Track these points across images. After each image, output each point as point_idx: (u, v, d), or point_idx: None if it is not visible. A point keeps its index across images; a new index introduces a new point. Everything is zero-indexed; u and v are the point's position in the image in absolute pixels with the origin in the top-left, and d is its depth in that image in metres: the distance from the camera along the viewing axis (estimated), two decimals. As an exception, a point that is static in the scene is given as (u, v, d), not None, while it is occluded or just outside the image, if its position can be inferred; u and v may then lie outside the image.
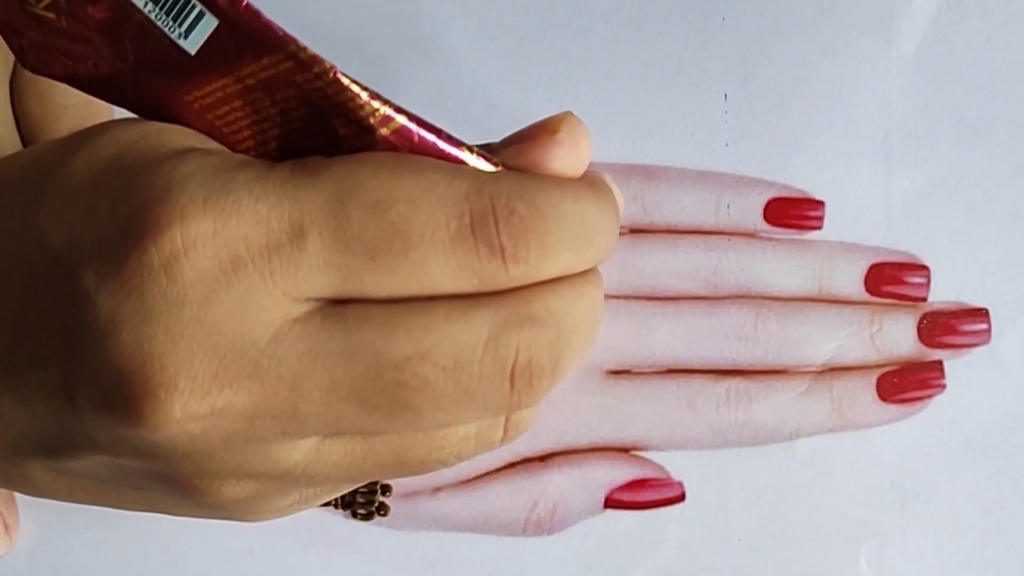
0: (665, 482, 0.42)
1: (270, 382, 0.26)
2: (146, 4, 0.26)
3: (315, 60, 0.26)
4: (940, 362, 0.42)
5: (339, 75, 0.26)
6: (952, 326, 0.42)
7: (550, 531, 0.42)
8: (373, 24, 0.42)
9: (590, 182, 0.28)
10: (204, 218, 0.25)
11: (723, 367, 0.42)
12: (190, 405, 0.25)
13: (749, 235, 0.42)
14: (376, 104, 0.26)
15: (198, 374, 0.25)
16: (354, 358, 0.26)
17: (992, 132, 0.42)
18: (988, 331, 0.42)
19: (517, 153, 0.28)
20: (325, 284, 0.26)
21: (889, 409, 0.42)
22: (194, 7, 0.26)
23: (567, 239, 0.27)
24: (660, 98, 0.41)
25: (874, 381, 0.42)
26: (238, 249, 0.25)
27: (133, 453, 0.27)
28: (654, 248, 0.42)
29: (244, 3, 0.26)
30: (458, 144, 0.27)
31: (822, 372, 0.42)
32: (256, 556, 0.42)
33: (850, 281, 0.42)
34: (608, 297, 0.40)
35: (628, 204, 0.41)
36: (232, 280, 0.25)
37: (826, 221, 0.42)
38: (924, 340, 0.42)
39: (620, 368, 0.42)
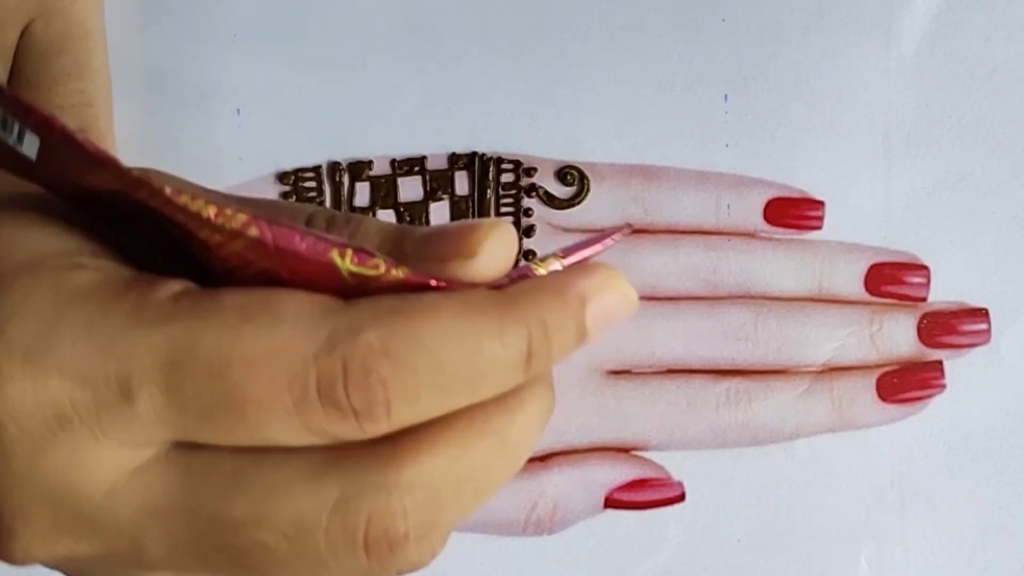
0: (665, 482, 0.42)
1: (109, 536, 0.25)
2: None
3: (142, 182, 0.23)
4: (940, 362, 0.42)
5: (175, 196, 0.23)
6: (952, 326, 0.42)
7: (550, 531, 0.41)
8: (373, 24, 0.41)
9: (496, 301, 0.24)
10: (22, 377, 0.23)
11: (723, 367, 0.42)
12: (32, 551, 0.25)
13: (749, 235, 0.42)
14: (220, 221, 0.23)
15: (34, 523, 0.24)
16: (191, 517, 0.24)
17: (992, 132, 0.41)
18: (988, 331, 0.42)
19: (424, 253, 0.25)
20: (163, 436, 0.24)
21: (889, 409, 0.42)
22: (15, 123, 0.24)
23: (445, 386, 0.24)
24: (660, 98, 0.41)
25: (874, 381, 0.42)
26: (63, 407, 0.23)
27: None
28: (654, 248, 0.42)
29: (59, 125, 0.23)
30: (326, 248, 0.24)
31: (822, 372, 0.42)
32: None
33: (850, 281, 0.42)
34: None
35: (628, 204, 0.41)
36: (59, 436, 0.24)
37: (826, 221, 0.42)
38: (924, 340, 0.42)
39: (620, 368, 0.42)
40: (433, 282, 0.24)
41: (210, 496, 0.24)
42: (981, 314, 0.42)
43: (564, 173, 0.41)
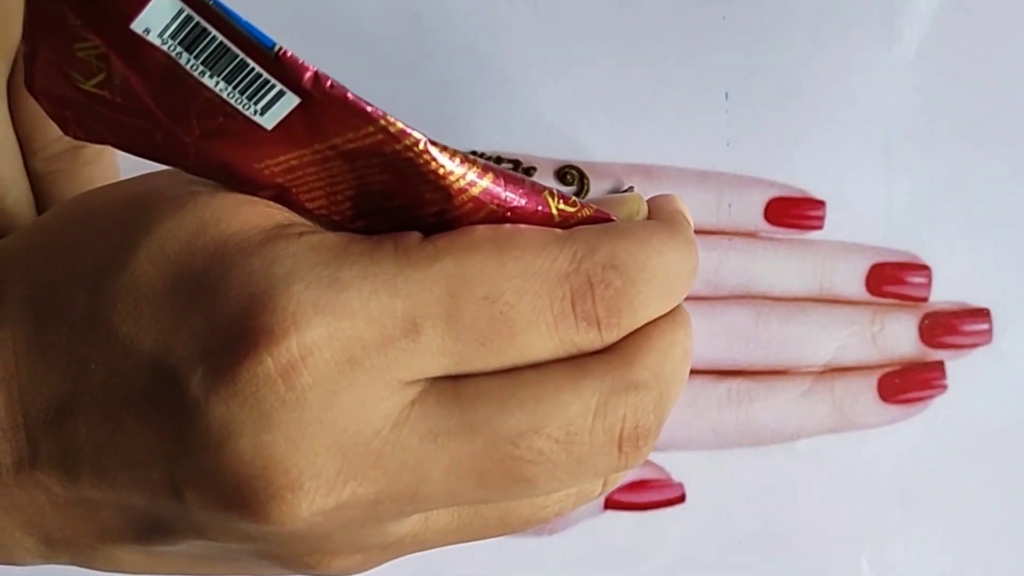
0: (665, 483, 0.41)
1: (393, 469, 0.26)
2: (217, 84, 0.25)
3: (405, 133, 0.25)
4: (941, 362, 0.42)
5: (429, 147, 0.26)
6: (953, 326, 0.42)
7: (550, 531, 0.41)
8: (374, 24, 0.42)
9: (670, 225, 0.29)
10: (317, 324, 0.25)
11: (724, 367, 0.42)
12: (316, 502, 0.26)
13: (750, 235, 0.42)
14: (463, 169, 0.26)
15: (322, 472, 0.26)
16: (472, 434, 0.26)
17: (993, 132, 0.41)
18: (989, 331, 0.41)
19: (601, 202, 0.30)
20: (437, 368, 0.26)
21: (890, 409, 0.42)
22: (273, 86, 0.25)
23: (654, 295, 0.28)
24: (660, 98, 0.41)
25: (875, 381, 0.42)
26: (353, 349, 0.25)
27: (246, 539, 0.27)
28: (654, 248, 0.42)
29: (329, 83, 0.25)
30: (539, 191, 0.28)
31: (823, 372, 0.42)
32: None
33: (851, 281, 0.42)
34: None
35: (628, 204, 0.42)
36: (350, 378, 0.25)
37: (827, 221, 0.42)
38: (925, 340, 0.42)
39: (620, 368, 0.42)
40: (613, 217, 0.29)
41: (487, 414, 0.26)
42: (982, 314, 0.42)
43: (564, 173, 0.41)
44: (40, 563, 0.30)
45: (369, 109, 0.25)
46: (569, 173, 0.41)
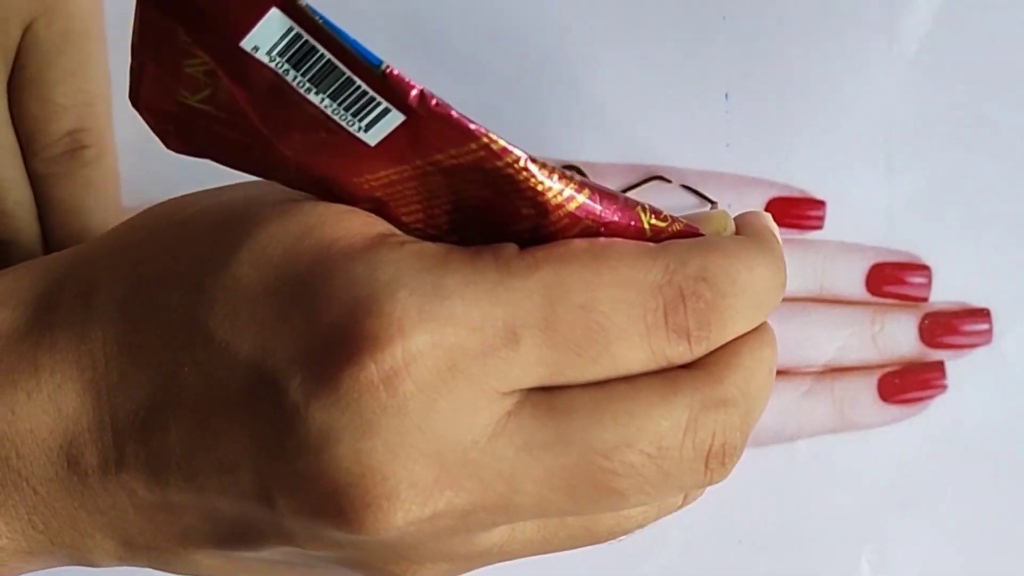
0: (665, 482, 0.41)
1: (489, 479, 0.26)
2: (323, 100, 0.25)
3: (506, 151, 0.26)
4: (941, 362, 0.42)
5: (529, 164, 0.26)
6: (954, 326, 0.42)
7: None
8: (374, 24, 0.42)
9: (759, 241, 0.30)
10: (422, 331, 0.25)
11: (724, 367, 0.42)
12: (412, 511, 0.26)
13: (750, 235, 0.42)
14: (560, 185, 0.27)
15: (419, 481, 0.26)
16: (566, 448, 0.26)
17: (993, 132, 0.41)
18: (989, 331, 0.41)
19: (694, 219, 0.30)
20: (533, 378, 0.26)
21: (890, 410, 0.41)
22: (378, 104, 0.25)
23: (744, 310, 0.28)
24: (660, 98, 0.41)
25: (875, 382, 0.41)
26: (455, 357, 0.25)
27: (334, 547, 0.27)
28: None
29: (434, 101, 0.25)
30: (632, 206, 0.28)
31: (823, 372, 0.42)
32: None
33: (851, 281, 0.42)
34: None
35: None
36: (451, 387, 0.25)
37: (827, 221, 0.42)
38: (925, 340, 0.42)
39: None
40: (703, 232, 0.29)
41: (581, 427, 0.26)
42: (983, 314, 0.41)
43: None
44: (116, 565, 0.30)
45: (472, 127, 0.25)
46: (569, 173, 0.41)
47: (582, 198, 0.27)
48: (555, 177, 0.27)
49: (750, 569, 0.41)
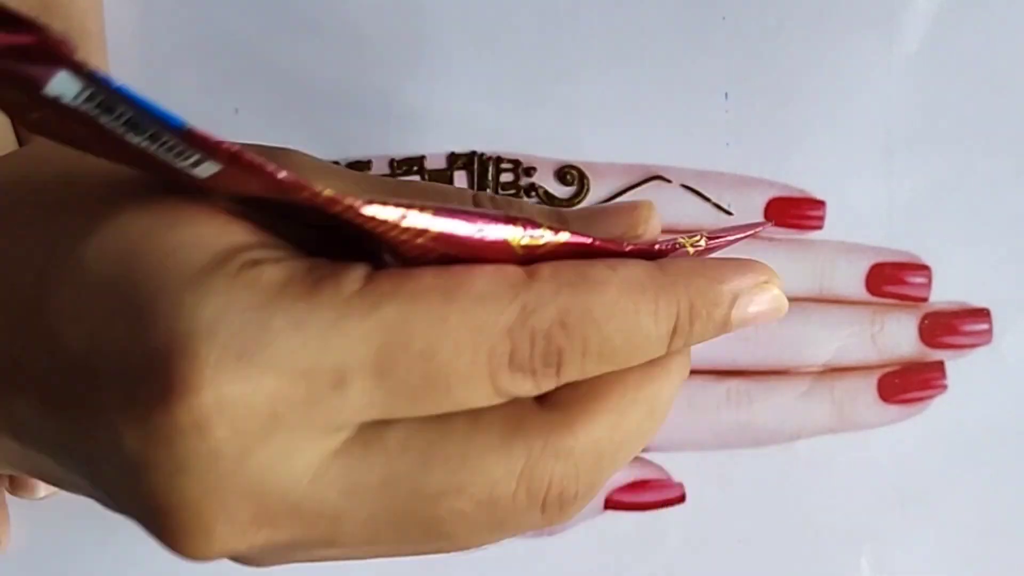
0: (665, 483, 0.41)
1: (311, 519, 0.25)
2: (142, 142, 0.23)
3: (334, 201, 0.24)
4: (941, 362, 0.42)
5: (364, 209, 0.24)
6: (953, 326, 0.42)
7: (550, 531, 0.41)
8: (374, 24, 0.41)
9: (654, 279, 0.27)
10: (237, 379, 0.24)
11: (724, 368, 0.42)
12: (228, 544, 0.25)
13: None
14: (408, 223, 0.25)
15: (235, 518, 0.25)
16: (393, 491, 0.25)
17: (993, 132, 0.41)
18: (989, 331, 0.41)
19: (592, 231, 0.28)
20: (364, 417, 0.25)
21: (890, 410, 0.41)
22: (193, 153, 0.23)
23: (611, 356, 0.26)
24: (660, 98, 0.41)
25: (875, 382, 0.41)
26: (275, 406, 0.24)
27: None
28: (654, 248, 0.42)
29: (247, 158, 0.23)
30: (508, 220, 0.26)
31: (823, 372, 0.42)
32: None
33: (851, 281, 0.42)
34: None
35: (628, 204, 0.42)
36: (269, 433, 0.24)
37: (827, 221, 0.42)
38: (925, 340, 0.42)
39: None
40: (591, 240, 0.27)
41: (409, 470, 0.25)
42: (982, 314, 0.42)
43: (564, 173, 0.41)
44: None
45: (281, 176, 0.24)
46: (569, 173, 0.41)
47: (437, 227, 0.25)
48: (397, 213, 0.24)
49: (750, 569, 0.41)
